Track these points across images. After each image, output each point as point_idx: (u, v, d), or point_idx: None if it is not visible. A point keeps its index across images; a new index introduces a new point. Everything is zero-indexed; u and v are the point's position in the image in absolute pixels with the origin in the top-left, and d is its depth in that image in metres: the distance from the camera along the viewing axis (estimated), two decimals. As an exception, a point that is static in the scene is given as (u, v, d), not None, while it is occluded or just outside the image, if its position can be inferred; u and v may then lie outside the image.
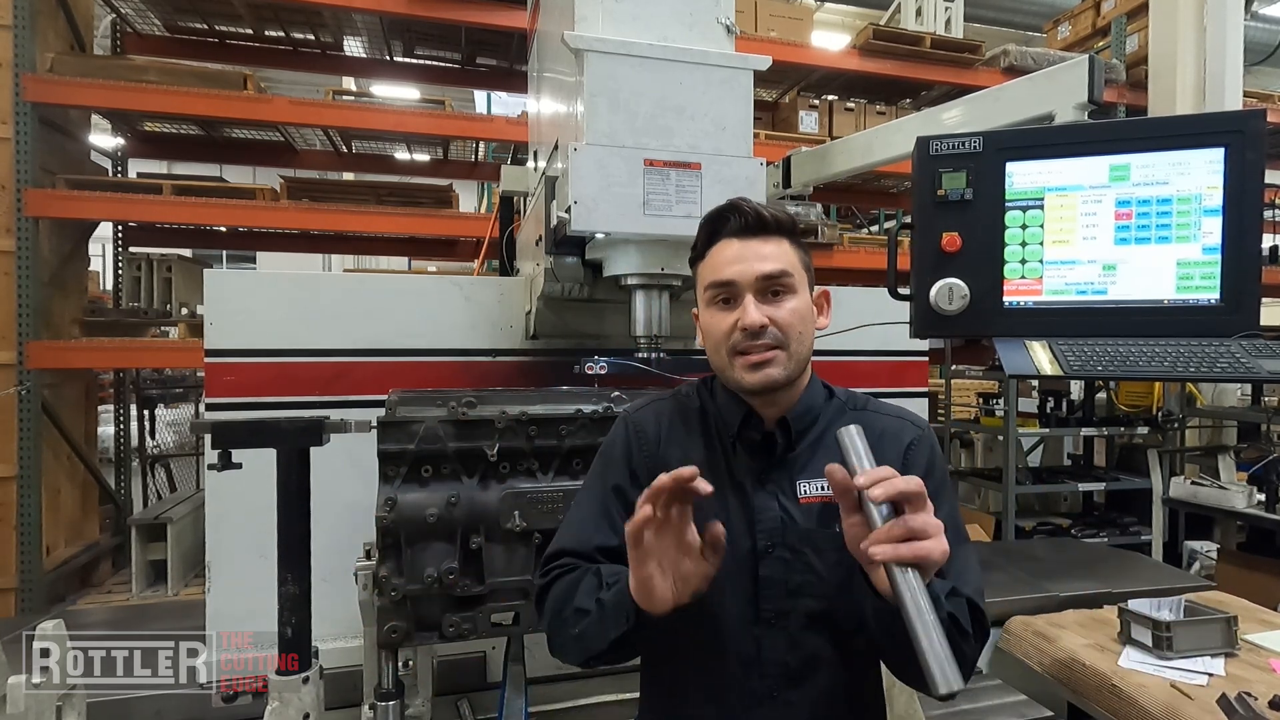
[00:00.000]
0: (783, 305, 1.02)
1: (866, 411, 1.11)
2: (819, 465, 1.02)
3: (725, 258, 1.04)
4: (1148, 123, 1.68)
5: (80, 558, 4.23)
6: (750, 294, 1.02)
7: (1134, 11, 5.58)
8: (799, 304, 1.04)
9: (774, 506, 1.03)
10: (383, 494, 1.45)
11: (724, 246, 1.05)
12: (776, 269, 1.02)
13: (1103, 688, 1.86)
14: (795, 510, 1.03)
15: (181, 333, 4.34)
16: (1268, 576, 3.70)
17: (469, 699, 1.94)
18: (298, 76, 8.33)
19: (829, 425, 1.06)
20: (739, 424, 1.06)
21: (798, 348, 1.03)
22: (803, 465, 1.06)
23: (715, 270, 1.04)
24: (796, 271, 1.04)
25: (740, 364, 1.02)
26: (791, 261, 1.04)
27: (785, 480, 1.05)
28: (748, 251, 1.03)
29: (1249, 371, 1.33)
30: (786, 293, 1.03)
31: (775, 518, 1.03)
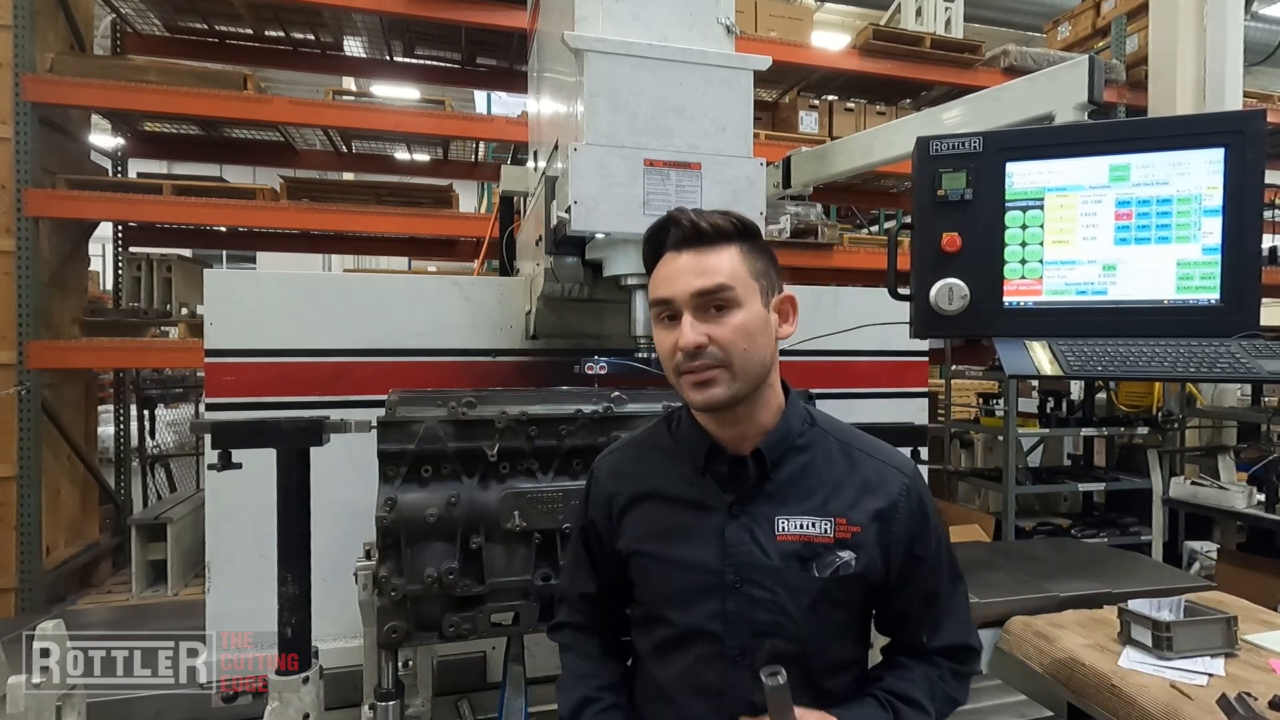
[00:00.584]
0: (725, 321, 0.96)
1: (853, 449, 1.06)
2: (802, 498, 1.01)
3: (665, 273, 1.00)
4: (1148, 123, 1.68)
5: (80, 558, 4.23)
6: (688, 311, 0.97)
7: (1134, 11, 5.58)
8: (745, 318, 0.97)
9: (746, 540, 1.00)
10: (383, 494, 1.45)
11: (667, 261, 1.00)
12: (713, 284, 0.96)
13: (1103, 688, 1.86)
14: (770, 546, 0.99)
15: (181, 333, 4.34)
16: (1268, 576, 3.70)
17: (469, 699, 1.94)
18: (298, 76, 8.32)
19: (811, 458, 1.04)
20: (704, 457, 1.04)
21: (744, 364, 0.97)
22: (784, 499, 1.01)
23: (655, 286, 1.01)
24: (740, 282, 0.98)
25: (685, 384, 0.99)
26: (735, 272, 0.98)
27: (762, 513, 1.01)
28: (687, 266, 0.98)
29: (1249, 371, 1.33)
30: (729, 307, 0.97)
31: (746, 552, 0.99)
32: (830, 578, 0.99)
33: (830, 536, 0.99)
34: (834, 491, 1.02)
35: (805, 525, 1.00)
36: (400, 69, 5.47)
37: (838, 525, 1.00)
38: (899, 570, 1.03)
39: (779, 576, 0.99)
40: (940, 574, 1.07)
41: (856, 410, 2.26)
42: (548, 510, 1.51)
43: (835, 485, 1.02)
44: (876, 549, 1.01)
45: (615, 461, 1.16)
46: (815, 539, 0.99)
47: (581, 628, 1.19)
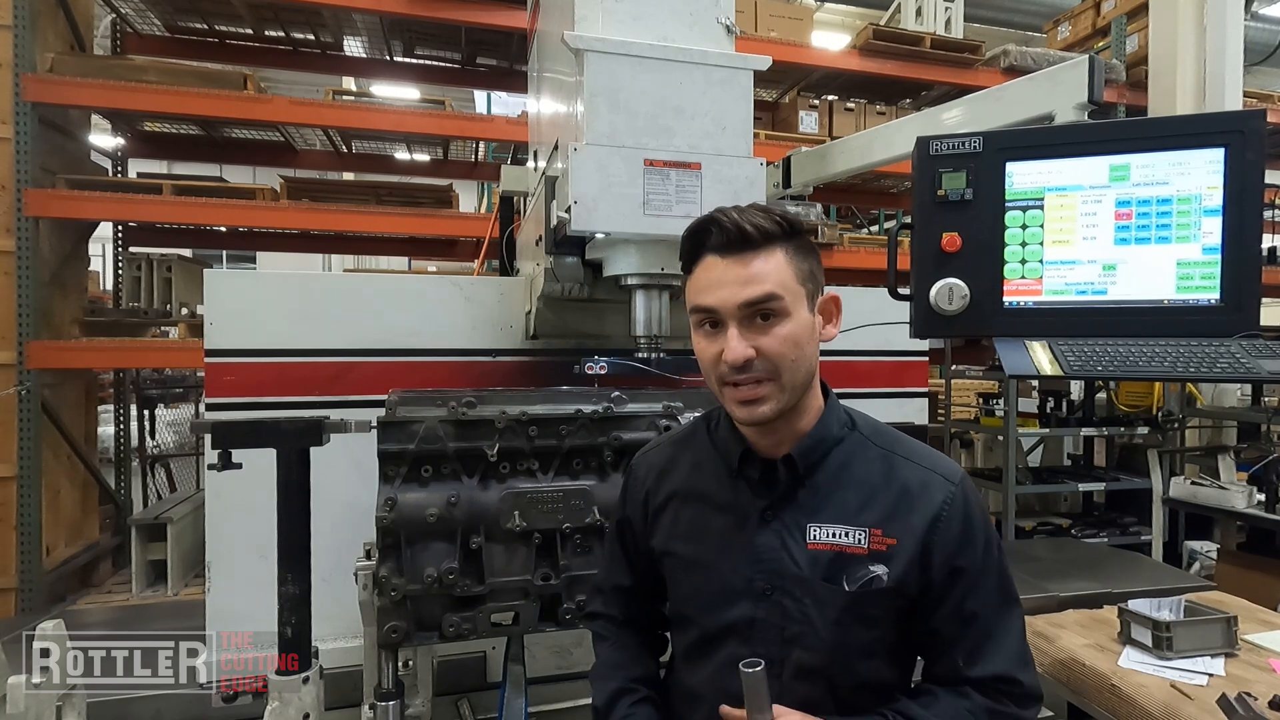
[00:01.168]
0: (773, 332, 0.92)
1: (894, 456, 1.00)
2: (836, 507, 0.97)
3: (708, 280, 0.94)
4: (1148, 123, 1.68)
5: (80, 558, 4.23)
6: (734, 323, 0.92)
7: (1134, 11, 5.58)
8: (793, 327, 0.93)
9: (776, 547, 0.97)
10: (383, 494, 1.45)
11: (708, 265, 0.95)
12: (761, 294, 0.91)
13: (1103, 688, 1.86)
14: (801, 555, 0.96)
15: (181, 333, 4.33)
16: (1268, 576, 3.70)
17: (469, 699, 1.95)
18: (298, 76, 8.32)
19: (850, 459, 0.99)
20: (737, 461, 1.01)
21: (791, 377, 0.93)
22: (817, 506, 0.97)
23: (697, 293, 0.95)
24: (788, 290, 0.93)
25: (730, 397, 0.95)
26: (783, 279, 0.92)
27: (795, 520, 0.97)
28: (731, 273, 0.92)
29: (1249, 371, 1.33)
30: (777, 317, 0.92)
31: (776, 559, 0.96)
32: (859, 591, 0.94)
33: (864, 548, 0.94)
34: (870, 500, 0.97)
35: (837, 534, 0.95)
36: (400, 69, 5.47)
37: (872, 536, 0.95)
38: (939, 585, 0.95)
39: (808, 587, 0.95)
40: (985, 593, 0.96)
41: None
42: (548, 510, 1.51)
43: (872, 493, 0.97)
44: (916, 563, 0.94)
45: (654, 459, 1.15)
46: (847, 549, 0.95)
47: (615, 620, 1.19)
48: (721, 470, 1.04)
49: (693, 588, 1.04)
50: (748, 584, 0.97)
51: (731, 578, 0.99)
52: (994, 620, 0.96)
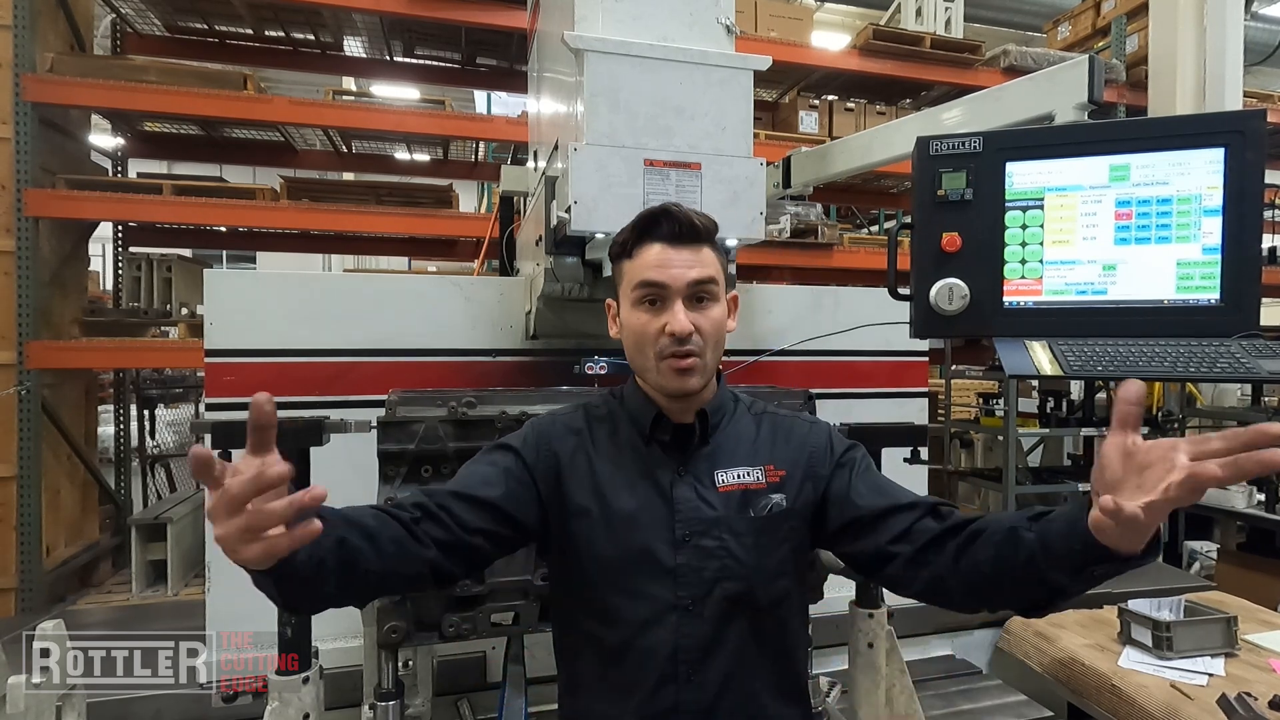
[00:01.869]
0: (707, 313, 1.07)
1: (768, 414, 1.20)
2: (734, 455, 1.13)
3: (658, 259, 1.07)
4: (1148, 123, 1.69)
5: (80, 558, 4.23)
6: (680, 299, 1.05)
7: (1134, 11, 5.57)
8: (719, 312, 1.09)
9: (693, 496, 1.09)
10: (383, 494, 1.45)
11: (653, 250, 1.08)
12: (705, 275, 1.07)
13: (1103, 688, 1.86)
14: (714, 498, 1.09)
15: (181, 333, 4.33)
16: (1268, 576, 3.70)
17: (469, 699, 1.95)
18: (298, 76, 8.33)
19: (737, 422, 1.16)
20: (650, 425, 1.12)
21: (714, 354, 1.09)
22: (719, 458, 1.12)
23: (645, 270, 1.07)
24: (719, 279, 1.10)
25: (668, 368, 1.06)
26: (716, 269, 1.10)
27: (703, 471, 1.11)
28: (680, 257, 1.06)
29: (1249, 371, 1.33)
30: (710, 300, 1.08)
31: (694, 506, 1.08)
32: (765, 517, 1.10)
33: (763, 482, 1.11)
34: (758, 445, 1.15)
35: (741, 475, 1.11)
36: (400, 69, 5.46)
37: (767, 471, 1.12)
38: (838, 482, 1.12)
39: (724, 523, 1.08)
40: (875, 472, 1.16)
41: (856, 410, 2.26)
42: (548, 510, 1.51)
43: (760, 441, 1.15)
44: (807, 482, 1.12)
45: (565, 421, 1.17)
46: (750, 486, 1.11)
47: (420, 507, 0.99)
48: (635, 437, 1.14)
49: (612, 545, 1.08)
50: (669, 533, 1.07)
51: (655, 532, 1.07)
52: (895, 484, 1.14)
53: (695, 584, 1.06)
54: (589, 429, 1.16)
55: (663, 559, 1.07)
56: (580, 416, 1.19)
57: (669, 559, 1.07)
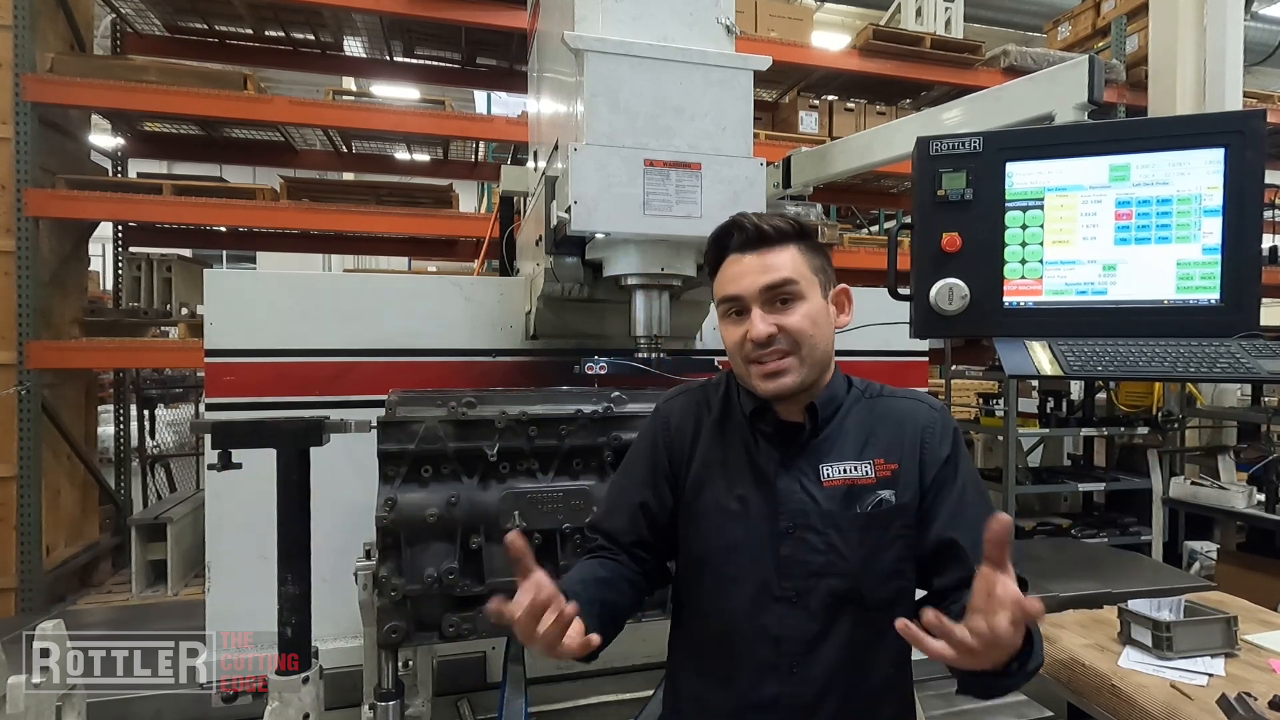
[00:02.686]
0: (791, 312, 1.06)
1: (882, 397, 1.16)
2: (841, 450, 1.11)
3: (732, 273, 1.09)
4: (1148, 123, 1.69)
5: (80, 558, 4.23)
6: (756, 306, 1.06)
7: (1134, 11, 5.57)
8: (809, 308, 1.07)
9: (797, 489, 1.08)
10: (383, 494, 1.45)
11: (732, 262, 1.10)
12: (779, 279, 1.06)
13: (1103, 688, 1.86)
14: (819, 493, 1.08)
15: (181, 333, 4.33)
16: (1268, 576, 3.70)
17: (469, 699, 1.94)
18: (298, 76, 8.32)
19: (848, 413, 1.14)
20: (751, 415, 1.12)
21: (810, 351, 1.07)
22: (826, 451, 1.10)
23: (723, 286, 1.10)
24: (804, 277, 1.08)
25: (756, 373, 1.07)
26: (798, 268, 1.08)
27: (809, 465, 1.10)
28: (752, 265, 1.07)
29: (1249, 371, 1.33)
30: (794, 299, 1.07)
31: (798, 500, 1.08)
32: (872, 513, 1.07)
33: (871, 477, 1.09)
34: (870, 437, 1.11)
35: (848, 470, 1.09)
36: (400, 69, 5.46)
37: (876, 466, 1.09)
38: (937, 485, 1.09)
39: (829, 518, 1.07)
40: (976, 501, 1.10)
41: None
42: (548, 510, 1.51)
43: (870, 431, 1.12)
44: (915, 477, 1.09)
45: (678, 409, 1.21)
46: (858, 481, 1.08)
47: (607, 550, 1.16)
48: (743, 427, 1.14)
49: (718, 532, 1.11)
50: (773, 525, 1.08)
51: (759, 521, 1.08)
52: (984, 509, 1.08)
53: (799, 576, 1.06)
54: (707, 409, 1.19)
55: (766, 549, 1.08)
56: (699, 395, 1.22)
57: (772, 549, 1.07)
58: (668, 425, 1.20)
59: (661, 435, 1.19)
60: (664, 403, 1.24)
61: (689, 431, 1.18)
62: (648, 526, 1.16)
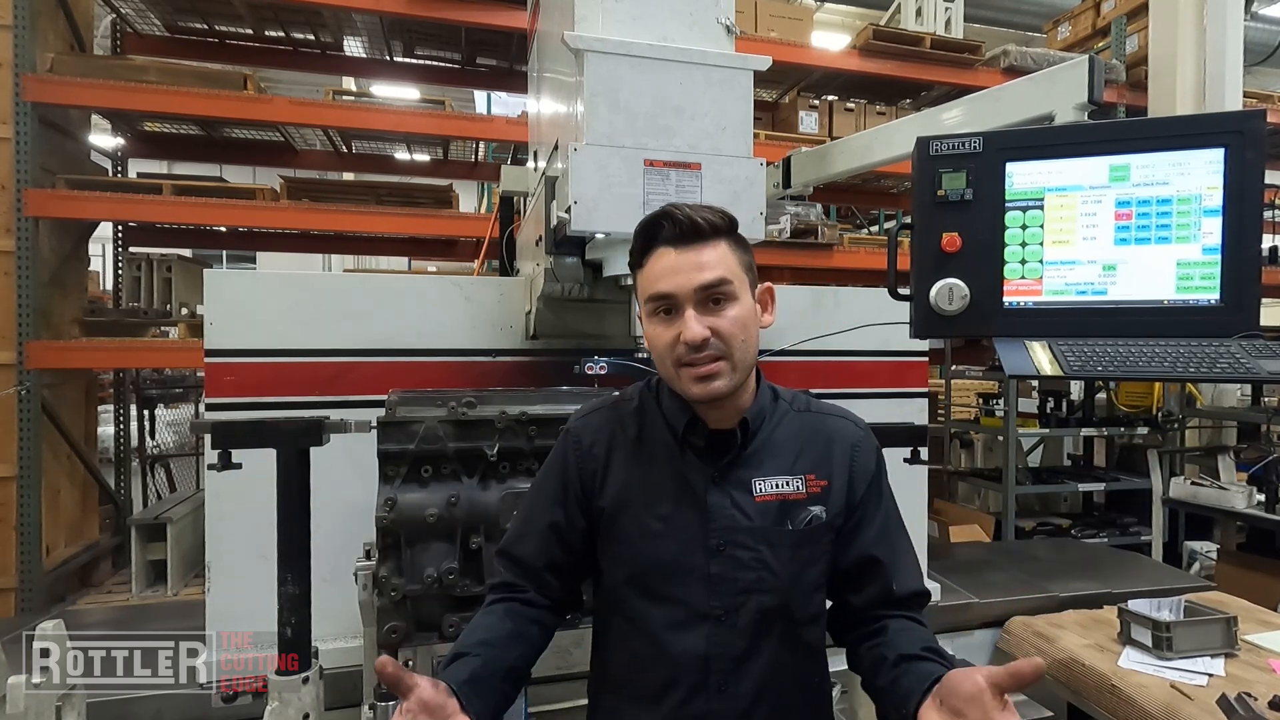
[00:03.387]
0: (724, 314, 1.01)
1: (810, 413, 1.15)
2: (773, 462, 1.08)
3: (662, 268, 1.02)
4: (1148, 123, 1.68)
5: (80, 558, 4.23)
6: (690, 306, 1.00)
7: (1134, 12, 5.57)
8: (740, 311, 1.03)
9: (727, 505, 1.05)
10: (383, 494, 1.45)
11: (660, 256, 1.03)
12: (714, 278, 1.00)
13: (1103, 688, 1.86)
14: (751, 508, 1.05)
15: (181, 333, 4.33)
16: (1268, 576, 3.70)
17: (469, 699, 1.94)
18: (298, 76, 8.32)
19: (777, 426, 1.11)
20: (683, 430, 1.08)
21: (741, 356, 1.03)
22: (757, 464, 1.07)
23: (653, 282, 1.03)
24: (736, 276, 1.03)
25: (686, 376, 1.02)
26: (730, 267, 1.03)
27: (740, 479, 1.07)
28: (684, 261, 1.01)
29: (1249, 372, 1.33)
30: (727, 300, 1.02)
31: (728, 516, 1.05)
32: (804, 529, 1.06)
33: (802, 493, 1.07)
34: (800, 452, 1.10)
35: (780, 485, 1.07)
36: (400, 69, 5.46)
37: (807, 481, 1.08)
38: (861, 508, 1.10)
39: (761, 534, 1.05)
40: (895, 517, 1.14)
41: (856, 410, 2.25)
42: (548, 510, 1.51)
43: (801, 446, 1.10)
44: (843, 495, 1.09)
45: (597, 421, 1.16)
46: (789, 496, 1.07)
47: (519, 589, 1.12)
48: (668, 439, 1.10)
49: (645, 550, 1.07)
50: (702, 543, 1.05)
51: (687, 539, 1.05)
52: (903, 541, 1.13)
53: (728, 593, 1.04)
54: (621, 427, 1.13)
55: (695, 567, 1.04)
56: (612, 414, 1.15)
57: (702, 567, 1.04)
58: (579, 443, 1.13)
59: (573, 454, 1.13)
60: (575, 421, 1.18)
61: (602, 450, 1.12)
62: (560, 547, 1.11)
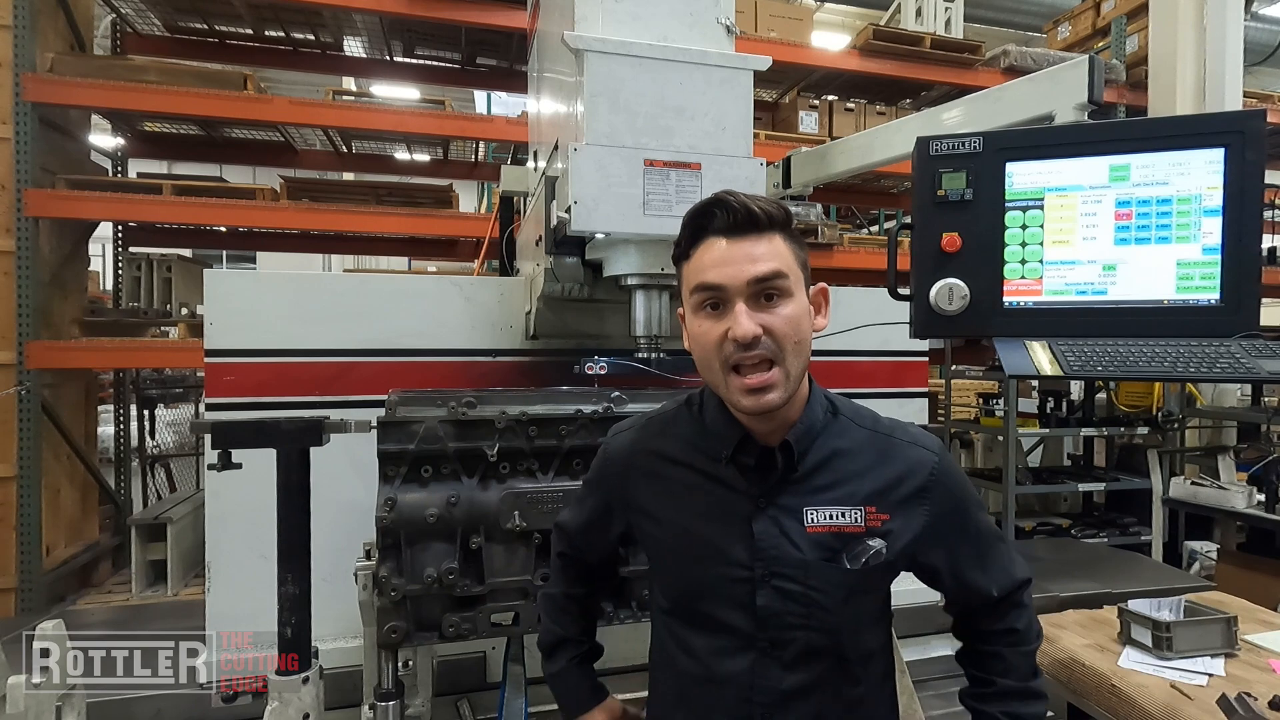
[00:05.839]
0: (778, 311, 0.91)
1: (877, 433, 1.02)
2: (830, 489, 0.97)
3: (712, 258, 0.92)
4: (1148, 123, 1.68)
5: (80, 558, 4.23)
6: (741, 300, 0.90)
7: (1134, 12, 5.58)
8: (795, 309, 0.92)
9: (775, 534, 0.95)
10: (383, 494, 1.45)
11: (710, 245, 0.93)
12: (769, 270, 0.90)
13: (1103, 688, 1.86)
14: (800, 539, 0.95)
15: (181, 333, 4.34)
16: (1268, 576, 3.70)
17: (469, 699, 1.94)
18: (298, 76, 8.33)
19: (837, 442, 0.99)
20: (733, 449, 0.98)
21: (794, 360, 0.92)
22: (811, 490, 0.97)
23: (701, 272, 0.93)
24: (792, 271, 0.93)
25: (736, 386, 0.92)
26: (786, 260, 0.92)
27: (790, 505, 0.96)
28: (737, 252, 0.91)
29: (1249, 371, 1.33)
30: (781, 296, 0.92)
31: (776, 545, 0.95)
32: (862, 569, 0.95)
33: (861, 526, 0.95)
34: (862, 478, 0.97)
35: (835, 516, 0.95)
36: (400, 69, 5.47)
37: (868, 514, 0.96)
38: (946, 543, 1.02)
39: (811, 570, 0.95)
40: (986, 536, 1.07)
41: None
42: (548, 510, 1.51)
43: (863, 472, 0.98)
44: (912, 532, 0.98)
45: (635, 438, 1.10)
46: (846, 529, 0.95)
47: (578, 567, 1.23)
48: (713, 454, 1.00)
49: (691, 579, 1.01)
50: (748, 572, 0.96)
51: (728, 566, 0.97)
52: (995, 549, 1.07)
53: (776, 626, 0.96)
54: (661, 443, 1.06)
55: (740, 595, 0.97)
56: (656, 431, 1.08)
57: (747, 596, 0.96)
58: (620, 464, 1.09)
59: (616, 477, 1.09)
60: (612, 438, 1.13)
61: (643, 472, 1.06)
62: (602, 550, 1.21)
